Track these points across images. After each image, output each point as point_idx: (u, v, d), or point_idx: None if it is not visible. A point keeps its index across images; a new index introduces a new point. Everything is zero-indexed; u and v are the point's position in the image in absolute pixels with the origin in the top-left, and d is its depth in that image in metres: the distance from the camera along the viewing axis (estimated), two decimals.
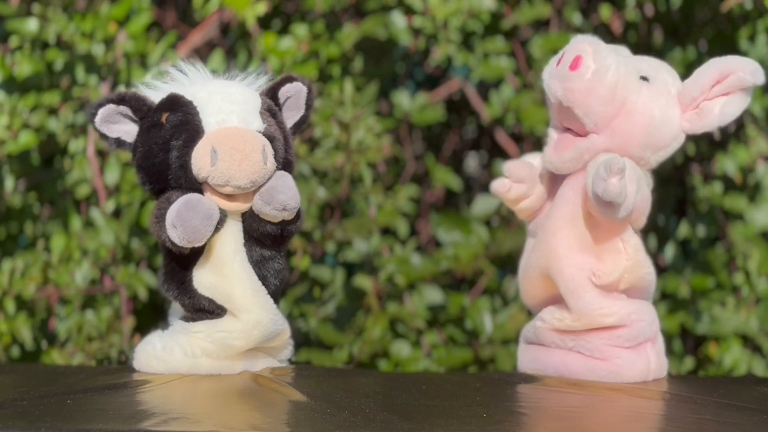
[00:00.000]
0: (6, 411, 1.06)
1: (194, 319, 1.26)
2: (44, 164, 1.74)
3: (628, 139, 1.26)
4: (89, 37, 1.62)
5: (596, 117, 1.25)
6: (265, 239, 1.26)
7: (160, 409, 1.10)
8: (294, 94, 1.31)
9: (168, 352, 1.25)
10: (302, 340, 1.69)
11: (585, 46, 1.27)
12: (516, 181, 1.33)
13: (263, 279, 1.26)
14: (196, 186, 1.23)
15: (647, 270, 1.29)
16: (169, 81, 1.28)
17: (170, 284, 1.26)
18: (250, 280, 1.25)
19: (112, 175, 1.63)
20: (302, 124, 1.33)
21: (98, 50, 1.62)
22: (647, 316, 1.28)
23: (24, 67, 1.63)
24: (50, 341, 1.64)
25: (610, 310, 1.27)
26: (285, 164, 1.27)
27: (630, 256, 1.27)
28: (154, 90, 1.28)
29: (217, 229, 1.22)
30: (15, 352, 1.62)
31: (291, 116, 1.31)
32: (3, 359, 1.58)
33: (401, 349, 1.66)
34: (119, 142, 1.27)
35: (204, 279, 1.24)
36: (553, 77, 1.28)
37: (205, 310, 1.25)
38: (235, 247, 1.24)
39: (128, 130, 1.26)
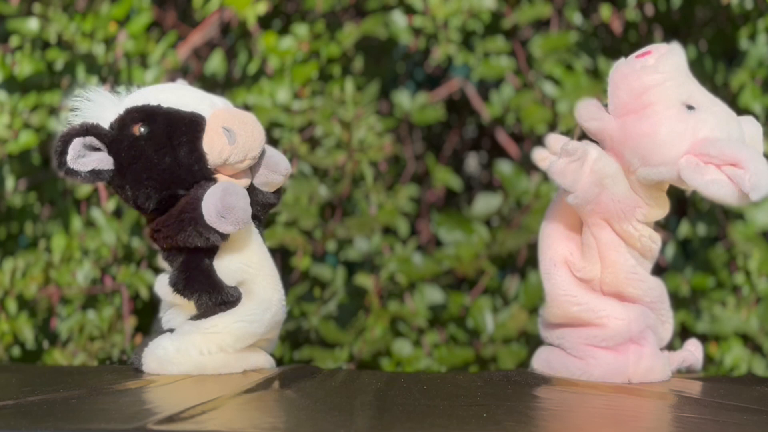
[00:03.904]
0: (8, 411, 1.07)
1: (206, 315, 1.25)
2: (45, 164, 1.74)
3: (626, 139, 1.23)
4: (90, 36, 1.62)
5: (617, 101, 1.23)
6: (261, 212, 1.28)
7: (160, 409, 1.10)
8: None
9: (183, 354, 1.24)
10: (303, 338, 1.69)
11: (663, 46, 1.24)
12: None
13: None
14: (209, 176, 1.23)
15: (631, 275, 1.26)
16: (84, 107, 1.24)
17: (197, 288, 1.24)
18: (270, 260, 1.28)
19: None
20: None
21: (99, 50, 1.62)
22: (624, 316, 1.26)
23: (24, 66, 1.63)
24: (52, 341, 1.64)
25: (578, 299, 1.25)
26: None
27: (602, 252, 1.25)
28: (77, 115, 1.23)
29: None
30: (16, 351, 1.62)
31: None
32: (4, 359, 1.58)
33: (402, 348, 1.66)
34: (96, 173, 1.21)
35: (231, 265, 1.24)
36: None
37: (226, 302, 1.25)
38: (251, 226, 1.26)
39: (100, 158, 1.21)
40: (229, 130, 1.21)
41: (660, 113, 1.22)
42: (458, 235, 1.76)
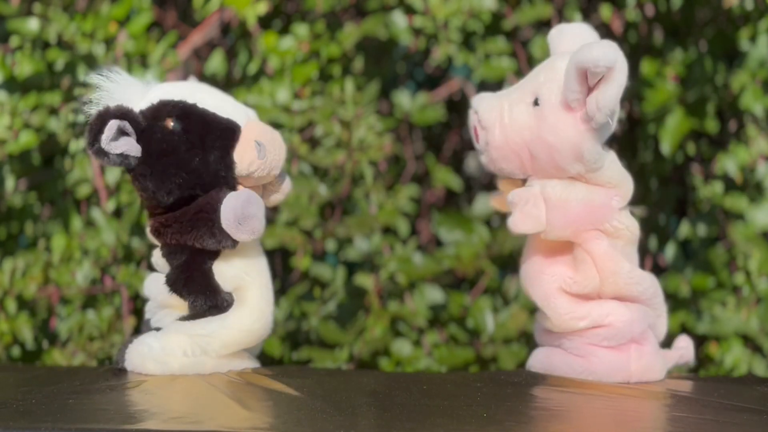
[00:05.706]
0: (7, 410, 1.07)
1: (195, 318, 1.26)
2: (45, 164, 1.74)
3: (547, 170, 1.27)
4: (90, 36, 1.62)
5: (515, 170, 1.29)
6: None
7: (160, 408, 1.10)
8: None
9: (168, 353, 1.25)
10: (303, 339, 1.69)
11: (472, 113, 1.30)
12: None
13: None
14: (232, 184, 1.24)
15: (629, 280, 1.27)
16: (110, 87, 1.24)
17: (194, 289, 1.25)
18: (267, 272, 1.29)
19: (112, 175, 1.63)
20: None
21: (99, 50, 1.62)
22: (627, 317, 1.27)
23: (25, 66, 1.63)
24: (51, 341, 1.64)
25: (580, 313, 1.27)
26: None
27: (600, 265, 1.26)
28: (101, 95, 1.24)
29: None
30: (16, 351, 1.62)
31: None
32: (4, 359, 1.58)
33: (402, 348, 1.66)
34: (123, 157, 1.21)
35: (230, 272, 1.25)
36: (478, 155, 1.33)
37: (218, 307, 1.25)
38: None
39: (129, 144, 1.22)
40: (260, 145, 1.22)
41: (534, 137, 1.25)
42: (458, 235, 1.76)
